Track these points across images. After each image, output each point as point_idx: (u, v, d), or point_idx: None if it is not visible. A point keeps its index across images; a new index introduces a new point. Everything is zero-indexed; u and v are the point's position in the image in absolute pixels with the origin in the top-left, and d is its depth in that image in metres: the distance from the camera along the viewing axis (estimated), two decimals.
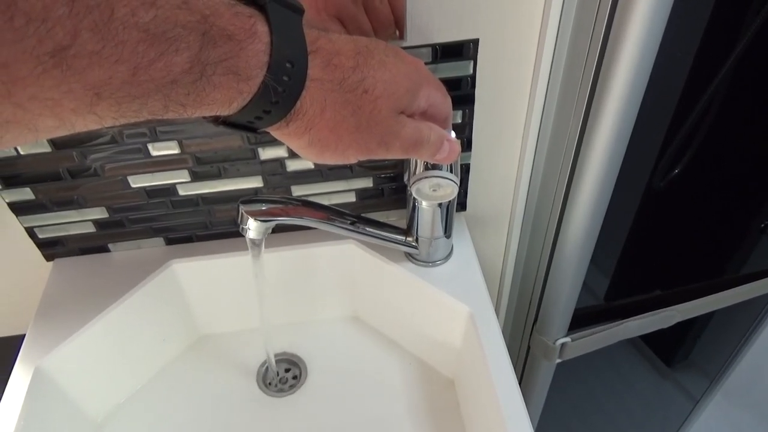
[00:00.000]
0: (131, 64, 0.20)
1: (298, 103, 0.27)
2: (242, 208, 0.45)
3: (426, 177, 0.48)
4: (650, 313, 0.74)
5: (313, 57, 0.27)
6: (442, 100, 0.36)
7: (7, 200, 0.53)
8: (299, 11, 0.27)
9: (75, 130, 0.22)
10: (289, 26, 0.26)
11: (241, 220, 0.46)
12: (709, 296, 0.80)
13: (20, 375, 0.49)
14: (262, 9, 0.25)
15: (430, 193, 0.50)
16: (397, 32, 0.47)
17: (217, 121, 0.28)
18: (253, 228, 0.46)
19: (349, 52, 0.29)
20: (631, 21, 0.41)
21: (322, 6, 0.42)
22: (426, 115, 0.35)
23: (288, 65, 0.26)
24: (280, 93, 0.26)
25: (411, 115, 0.34)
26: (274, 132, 0.30)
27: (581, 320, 0.71)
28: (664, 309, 0.75)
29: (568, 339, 0.69)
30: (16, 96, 0.18)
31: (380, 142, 0.32)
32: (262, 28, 0.25)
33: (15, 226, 0.56)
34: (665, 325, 0.77)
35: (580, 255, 0.59)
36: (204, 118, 0.27)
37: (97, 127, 0.22)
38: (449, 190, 0.50)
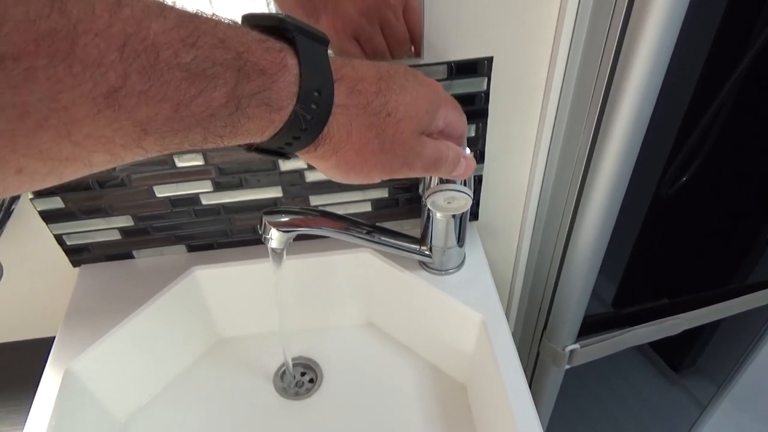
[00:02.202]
0: (174, 102, 0.22)
1: (326, 128, 0.29)
2: (265, 219, 0.47)
3: (441, 190, 0.50)
4: (658, 320, 0.75)
5: (339, 84, 0.29)
6: (458, 119, 0.38)
7: (38, 209, 0.56)
8: (324, 42, 0.29)
9: (124, 162, 0.23)
10: (315, 57, 0.28)
11: (264, 230, 0.48)
12: (716, 304, 0.81)
13: (51, 377, 0.51)
14: (290, 42, 0.27)
15: (444, 205, 0.52)
16: (413, 49, 0.49)
17: (250, 148, 0.30)
18: (275, 238, 0.48)
19: (372, 78, 0.31)
20: (642, 39, 0.43)
21: (340, 28, 0.44)
22: (443, 133, 0.37)
23: (316, 94, 0.27)
24: (309, 121, 0.28)
25: (430, 135, 0.36)
26: (303, 156, 0.31)
27: (590, 327, 0.72)
28: (672, 317, 0.76)
29: (577, 346, 0.70)
30: (75, 135, 0.20)
31: (403, 163, 0.33)
32: (291, 61, 0.26)
33: (45, 233, 0.58)
34: (673, 333, 0.78)
35: (590, 263, 0.61)
36: (238, 145, 0.29)
37: (142, 159, 0.24)
38: (463, 202, 0.52)
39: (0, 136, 0.18)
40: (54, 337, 0.55)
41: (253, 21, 0.28)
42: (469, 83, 0.51)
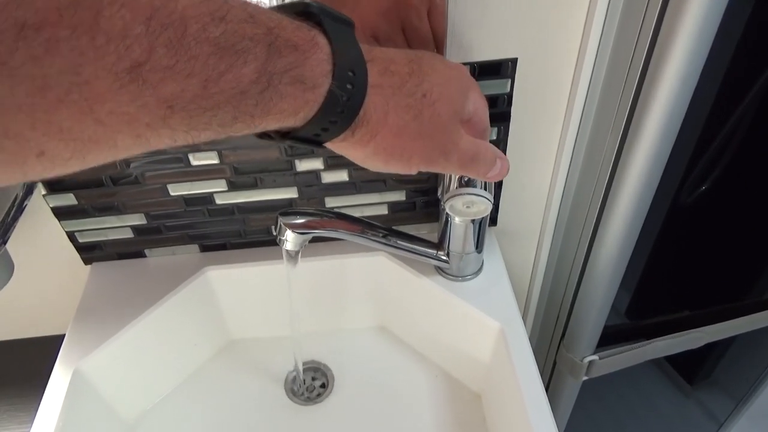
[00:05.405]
0: (202, 77, 0.21)
1: (362, 111, 0.28)
2: (281, 220, 0.46)
3: (459, 194, 0.49)
4: (680, 333, 0.73)
5: (371, 65, 0.28)
6: (484, 108, 0.37)
7: (51, 205, 0.55)
8: (351, 25, 0.28)
9: (150, 146, 0.22)
10: (345, 38, 0.27)
11: (279, 232, 0.47)
12: (740, 318, 0.79)
13: (60, 376, 0.51)
14: (318, 24, 0.26)
15: (463, 209, 0.51)
16: (435, 50, 0.47)
17: (285, 136, 0.28)
18: (290, 239, 0.47)
19: (403, 60, 0.30)
20: (674, 46, 0.41)
21: (359, 28, 0.43)
22: (470, 123, 0.36)
23: (350, 74, 0.26)
24: (345, 102, 0.27)
25: (462, 122, 0.34)
26: (339, 144, 0.30)
27: (608, 338, 0.70)
28: (693, 330, 0.74)
29: (595, 357, 0.69)
30: (97, 112, 0.19)
31: (441, 152, 0.32)
32: (322, 40, 0.26)
33: (57, 230, 0.57)
34: (694, 346, 0.76)
35: (613, 272, 0.59)
36: (269, 137, 0.28)
37: (170, 143, 0.23)
38: (483, 207, 0.50)
39: (19, 110, 0.18)
40: (63, 335, 0.54)
41: (278, 9, 0.27)
42: (492, 85, 0.50)
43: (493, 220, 0.62)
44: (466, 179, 0.49)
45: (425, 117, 0.30)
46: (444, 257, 0.56)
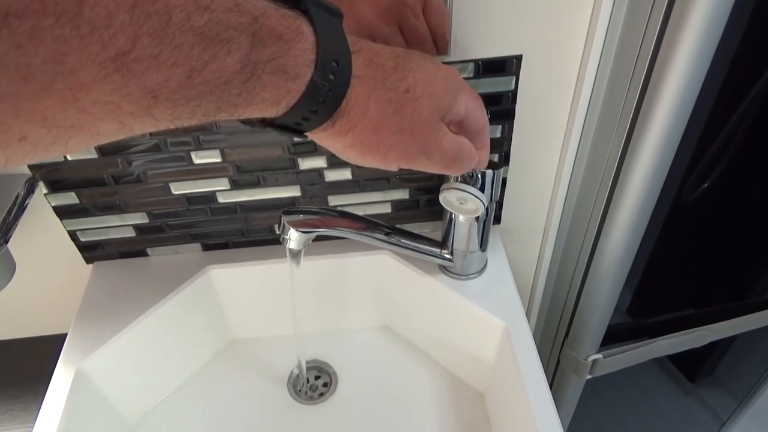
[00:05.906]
0: (186, 67, 0.21)
1: (344, 101, 0.28)
2: (284, 219, 0.46)
3: (452, 188, 0.48)
4: (684, 331, 0.73)
5: (356, 56, 0.28)
6: (479, 110, 0.36)
7: (52, 204, 0.55)
8: (339, 15, 0.28)
9: (133, 132, 0.22)
10: (331, 28, 0.27)
11: (283, 231, 0.46)
12: (745, 316, 0.78)
13: (62, 376, 0.50)
14: (305, 13, 0.26)
15: (457, 204, 0.50)
16: (435, 48, 0.47)
17: (266, 123, 0.28)
18: (294, 238, 0.46)
19: (389, 54, 0.30)
20: (680, 43, 0.41)
21: (354, 29, 0.42)
22: (463, 125, 0.35)
23: (334, 64, 0.26)
24: (327, 92, 0.27)
25: (449, 124, 0.34)
26: (319, 135, 0.30)
27: (612, 336, 0.70)
28: (698, 328, 0.74)
29: (599, 355, 0.68)
30: (81, 101, 0.19)
31: (421, 149, 0.32)
32: (307, 29, 0.26)
33: (59, 229, 0.57)
34: (698, 345, 0.76)
35: (618, 270, 0.59)
36: (251, 123, 0.28)
37: (152, 130, 0.23)
38: (474, 206, 0.50)
39: (2, 99, 0.18)
40: (65, 335, 0.54)
41: None
42: (497, 82, 0.49)
43: (496, 218, 0.62)
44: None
45: (406, 112, 0.30)
46: (448, 256, 0.55)
